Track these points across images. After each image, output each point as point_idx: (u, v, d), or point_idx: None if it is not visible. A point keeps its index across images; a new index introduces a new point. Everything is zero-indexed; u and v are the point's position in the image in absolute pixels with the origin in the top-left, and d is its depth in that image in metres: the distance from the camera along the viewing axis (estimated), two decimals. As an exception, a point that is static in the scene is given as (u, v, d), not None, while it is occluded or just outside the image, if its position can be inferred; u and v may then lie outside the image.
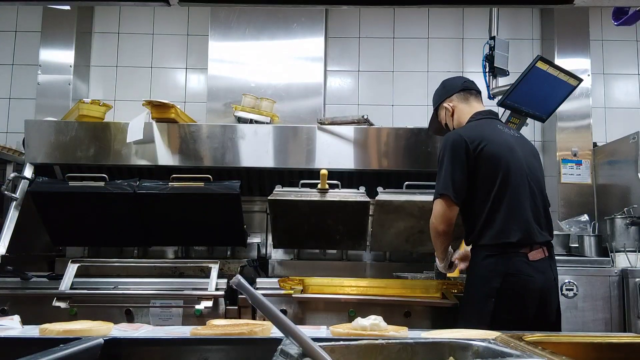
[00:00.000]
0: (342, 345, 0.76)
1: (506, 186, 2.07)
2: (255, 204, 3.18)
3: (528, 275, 2.01)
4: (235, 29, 3.30)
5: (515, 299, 2.00)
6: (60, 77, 3.42)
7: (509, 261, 2.02)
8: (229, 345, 0.88)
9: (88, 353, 0.79)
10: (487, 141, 2.11)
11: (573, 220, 3.19)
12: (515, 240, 2.02)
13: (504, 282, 1.99)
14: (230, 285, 0.98)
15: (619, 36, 3.72)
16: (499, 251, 2.03)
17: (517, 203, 2.07)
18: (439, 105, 2.40)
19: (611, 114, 3.69)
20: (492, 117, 2.31)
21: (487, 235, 2.06)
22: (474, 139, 2.10)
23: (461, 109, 2.31)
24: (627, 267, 2.65)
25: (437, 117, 2.43)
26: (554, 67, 2.71)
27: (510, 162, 2.10)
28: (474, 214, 2.11)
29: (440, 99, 2.38)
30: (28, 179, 2.70)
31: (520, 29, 3.73)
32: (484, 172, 2.09)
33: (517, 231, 2.03)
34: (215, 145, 2.80)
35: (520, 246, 2.03)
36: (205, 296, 2.26)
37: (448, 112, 2.34)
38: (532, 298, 2.02)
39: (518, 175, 2.11)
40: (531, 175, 2.16)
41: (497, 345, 0.79)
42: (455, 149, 2.09)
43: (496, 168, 2.09)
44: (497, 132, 2.20)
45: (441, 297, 2.33)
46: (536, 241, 2.06)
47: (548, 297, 2.07)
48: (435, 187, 2.13)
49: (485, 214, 2.06)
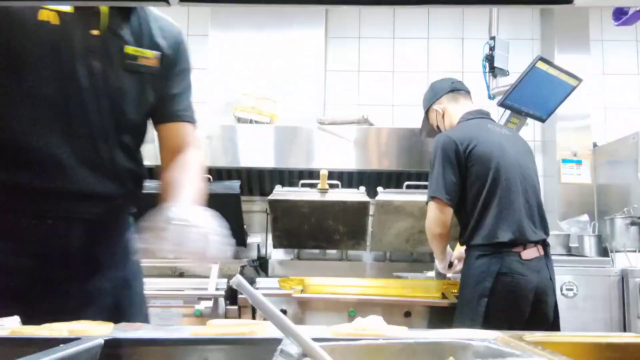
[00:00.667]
0: (342, 345, 0.76)
1: (497, 186, 2.09)
2: (255, 204, 3.18)
3: (521, 275, 2.02)
4: (235, 29, 3.30)
5: (509, 298, 2.01)
6: (60, 77, 3.42)
7: (501, 261, 2.03)
8: (229, 345, 0.88)
9: (88, 353, 0.79)
10: (477, 141, 2.13)
11: (573, 220, 3.19)
12: (507, 240, 2.03)
13: (496, 282, 2.00)
14: (230, 285, 0.98)
15: (619, 36, 3.72)
16: (491, 251, 2.04)
17: (508, 202, 2.08)
18: (428, 108, 2.41)
19: (611, 114, 3.69)
20: (483, 116, 2.31)
21: (478, 235, 2.08)
22: (463, 140, 2.12)
23: (451, 110, 2.32)
24: (627, 267, 2.65)
25: (428, 120, 2.44)
26: (554, 67, 2.71)
27: (500, 161, 2.11)
28: (466, 214, 2.14)
29: (430, 102, 2.39)
30: (28, 179, 2.70)
31: (520, 29, 3.73)
32: (475, 173, 2.11)
33: (508, 230, 2.04)
34: (215, 145, 2.80)
35: (512, 245, 2.04)
36: (205, 296, 2.26)
37: (439, 115, 2.35)
38: (526, 297, 2.02)
39: (509, 174, 2.12)
40: (524, 174, 2.17)
41: (497, 345, 0.79)
42: (445, 151, 2.11)
43: (486, 168, 2.10)
44: (487, 131, 2.21)
45: (441, 297, 2.33)
46: (530, 240, 2.07)
47: (543, 296, 2.07)
48: (428, 190, 2.15)
49: (476, 214, 2.09)
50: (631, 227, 2.84)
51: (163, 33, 1.33)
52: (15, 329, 0.89)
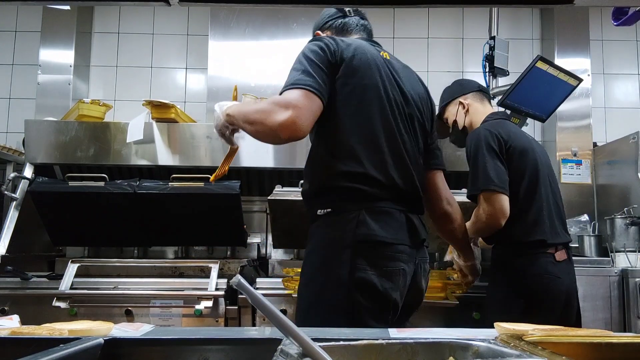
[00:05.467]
0: (342, 345, 0.76)
1: (534, 184, 2.05)
2: (255, 204, 3.18)
3: (556, 277, 1.98)
4: (235, 29, 3.30)
5: (544, 300, 1.97)
6: (60, 77, 3.42)
7: (537, 261, 1.99)
8: (229, 345, 0.88)
9: (88, 353, 0.79)
10: (515, 138, 2.09)
11: (573, 220, 3.19)
12: (543, 240, 1.99)
13: (533, 283, 1.96)
14: (230, 285, 0.98)
15: (619, 36, 3.72)
16: (526, 251, 2.00)
17: (543, 202, 2.05)
18: (452, 100, 2.34)
19: (611, 114, 3.70)
20: (506, 118, 2.32)
21: (514, 234, 2.02)
22: (503, 134, 2.08)
23: (476, 108, 2.29)
24: (627, 267, 2.65)
25: (444, 114, 2.37)
26: (554, 67, 2.71)
27: (536, 160, 2.09)
28: None
29: (456, 94, 2.34)
30: (28, 179, 2.70)
31: (520, 29, 3.74)
32: (514, 169, 2.05)
33: (544, 231, 2.01)
34: (215, 145, 2.80)
35: (547, 246, 2.00)
36: (205, 296, 2.25)
37: (462, 109, 2.30)
38: (559, 300, 1.99)
39: (543, 173, 2.10)
40: (550, 174, 2.15)
41: (498, 345, 0.79)
42: (490, 143, 2.04)
43: (524, 166, 2.06)
44: (518, 130, 2.20)
45: (443, 297, 2.33)
46: (560, 242, 2.05)
47: (571, 299, 2.05)
48: (477, 184, 2.02)
49: (514, 212, 2.00)
50: (631, 227, 2.84)
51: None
52: (15, 329, 0.89)
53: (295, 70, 1.50)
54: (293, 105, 1.38)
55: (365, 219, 1.44)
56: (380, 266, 1.43)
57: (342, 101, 1.50)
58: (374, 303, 1.43)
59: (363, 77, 1.53)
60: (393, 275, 1.46)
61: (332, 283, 1.42)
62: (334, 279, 1.42)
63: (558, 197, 2.16)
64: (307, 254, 1.52)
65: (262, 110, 1.43)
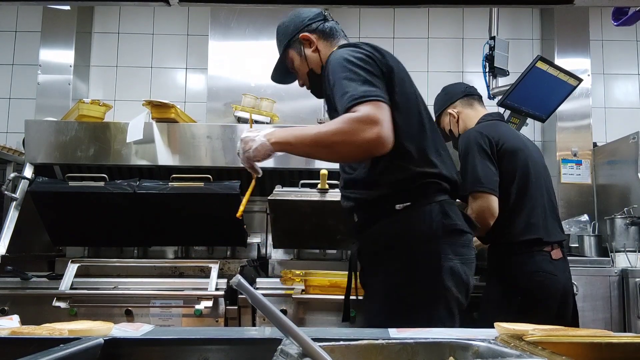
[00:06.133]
0: (342, 345, 0.76)
1: (526, 184, 2.06)
2: (255, 204, 3.18)
3: (552, 275, 1.99)
4: (235, 29, 3.30)
5: (541, 298, 1.98)
6: (60, 77, 3.42)
7: (533, 260, 2.00)
8: (229, 345, 0.88)
9: (88, 353, 0.79)
10: (506, 139, 2.11)
11: (573, 220, 3.19)
12: (539, 238, 2.00)
13: (530, 281, 1.97)
14: (230, 285, 0.98)
15: (619, 36, 3.72)
16: (523, 250, 2.01)
17: (537, 201, 2.06)
18: (442, 111, 2.37)
19: (611, 114, 3.70)
20: (500, 118, 2.31)
21: (510, 233, 2.03)
22: (493, 135, 2.10)
23: (467, 114, 2.30)
24: (627, 267, 2.65)
25: (440, 124, 2.40)
26: (554, 67, 2.71)
27: (528, 159, 2.10)
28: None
29: (444, 105, 2.36)
30: (28, 179, 2.70)
31: (520, 29, 3.74)
32: (505, 169, 2.07)
33: (539, 229, 2.02)
34: (215, 145, 2.80)
35: (543, 244, 2.01)
36: (205, 296, 2.25)
37: (453, 119, 2.32)
38: (555, 298, 2.00)
39: (536, 172, 2.10)
40: (544, 174, 2.16)
41: (498, 345, 0.79)
42: (480, 144, 2.06)
43: (515, 166, 2.08)
44: (511, 131, 2.21)
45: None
46: (555, 240, 2.05)
47: (567, 297, 2.05)
48: (465, 185, 2.04)
49: (507, 211, 2.02)
50: (631, 227, 2.84)
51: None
52: (15, 329, 0.89)
53: (352, 80, 1.48)
54: (376, 120, 1.39)
55: (445, 209, 1.51)
56: (462, 254, 1.50)
57: (397, 108, 1.54)
58: (459, 291, 1.48)
59: (410, 85, 1.66)
60: (470, 263, 1.54)
61: (423, 273, 1.46)
62: (423, 268, 1.46)
63: (552, 195, 2.17)
64: (385, 248, 1.54)
65: (342, 131, 1.41)
